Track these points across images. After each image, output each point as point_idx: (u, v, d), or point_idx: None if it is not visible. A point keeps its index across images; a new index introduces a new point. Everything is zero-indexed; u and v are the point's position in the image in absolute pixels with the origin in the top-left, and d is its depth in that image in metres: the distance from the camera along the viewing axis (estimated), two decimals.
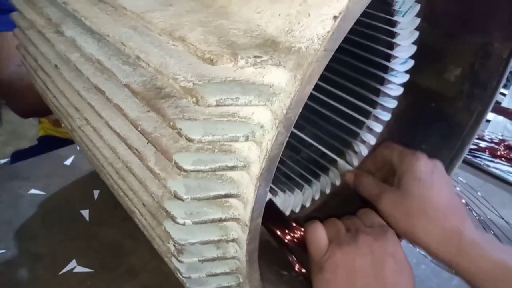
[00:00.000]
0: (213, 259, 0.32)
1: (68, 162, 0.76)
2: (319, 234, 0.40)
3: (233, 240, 0.31)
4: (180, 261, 0.31)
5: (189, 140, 0.25)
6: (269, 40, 0.26)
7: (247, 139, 0.26)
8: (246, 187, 0.28)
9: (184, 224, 0.28)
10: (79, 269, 0.57)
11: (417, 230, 0.42)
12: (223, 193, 0.28)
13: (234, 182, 0.28)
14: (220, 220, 0.29)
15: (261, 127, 0.26)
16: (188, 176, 0.28)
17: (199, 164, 0.27)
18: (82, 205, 0.67)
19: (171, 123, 0.26)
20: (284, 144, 0.27)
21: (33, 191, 0.69)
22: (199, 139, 0.25)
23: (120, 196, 0.41)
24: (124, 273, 0.57)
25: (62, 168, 0.75)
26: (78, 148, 0.78)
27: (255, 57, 0.24)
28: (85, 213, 0.65)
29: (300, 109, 0.26)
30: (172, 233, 0.30)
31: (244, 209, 0.28)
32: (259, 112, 0.26)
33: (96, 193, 0.69)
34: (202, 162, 0.27)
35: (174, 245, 0.31)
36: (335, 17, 0.24)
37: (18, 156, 1.03)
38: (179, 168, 0.27)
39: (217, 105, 0.24)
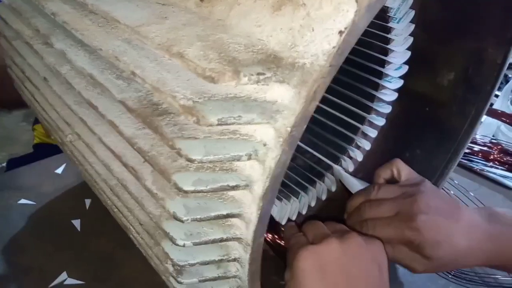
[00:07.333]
0: (213, 279, 0.31)
1: (59, 170, 0.74)
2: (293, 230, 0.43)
3: (234, 260, 0.30)
4: (179, 282, 0.30)
5: (190, 160, 0.24)
6: (271, 56, 0.25)
7: (249, 157, 0.25)
8: (249, 206, 0.27)
9: (184, 246, 0.27)
10: (70, 281, 0.55)
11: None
12: (224, 213, 0.27)
13: (236, 201, 0.27)
14: (221, 240, 0.28)
15: (264, 145, 0.25)
16: (188, 196, 0.27)
17: (200, 184, 0.26)
18: (74, 215, 0.64)
19: (170, 143, 0.25)
20: (288, 162, 0.26)
21: (23, 201, 0.67)
22: (200, 159, 0.24)
23: (114, 212, 0.40)
24: (117, 285, 0.55)
25: (53, 176, 0.72)
26: None
27: (258, 74, 0.23)
28: (77, 223, 0.63)
29: (305, 126, 0.25)
30: (171, 254, 0.29)
31: (246, 228, 0.27)
32: (261, 130, 0.25)
33: (87, 202, 0.67)
34: (203, 182, 0.26)
35: (173, 266, 0.30)
36: (340, 32, 0.23)
37: (13, 163, 1.00)
38: (179, 188, 0.25)
39: (218, 124, 0.23)
